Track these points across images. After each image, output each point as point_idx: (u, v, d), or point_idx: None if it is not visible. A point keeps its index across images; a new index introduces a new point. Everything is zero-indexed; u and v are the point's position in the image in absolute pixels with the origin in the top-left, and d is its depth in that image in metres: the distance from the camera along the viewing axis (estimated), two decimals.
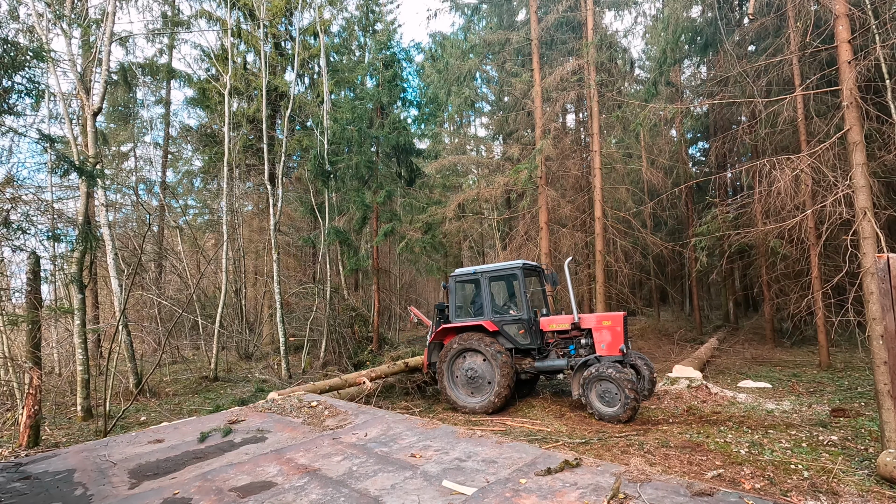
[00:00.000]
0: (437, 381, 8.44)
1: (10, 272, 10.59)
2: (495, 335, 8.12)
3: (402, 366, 9.81)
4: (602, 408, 7.06)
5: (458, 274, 8.73)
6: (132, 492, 3.93)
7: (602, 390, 7.08)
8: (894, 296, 3.95)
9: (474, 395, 8.01)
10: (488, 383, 7.87)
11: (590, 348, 7.91)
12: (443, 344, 8.73)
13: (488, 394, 7.81)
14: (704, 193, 18.02)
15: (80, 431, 7.89)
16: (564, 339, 8.25)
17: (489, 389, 7.84)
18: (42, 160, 13.54)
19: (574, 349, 8.06)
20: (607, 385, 7.03)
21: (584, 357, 7.65)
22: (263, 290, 19.07)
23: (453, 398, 8.09)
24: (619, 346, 7.57)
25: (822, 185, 8.48)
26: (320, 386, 8.13)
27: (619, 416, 6.86)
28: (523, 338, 8.11)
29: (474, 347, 7.94)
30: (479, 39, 16.06)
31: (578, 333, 8.07)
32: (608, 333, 7.68)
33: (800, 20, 9.64)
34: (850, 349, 12.37)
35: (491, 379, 7.82)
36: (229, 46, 15.96)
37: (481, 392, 7.95)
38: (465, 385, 8.09)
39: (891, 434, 5.02)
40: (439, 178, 20.49)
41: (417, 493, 3.55)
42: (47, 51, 6.72)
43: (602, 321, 7.79)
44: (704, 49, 14.44)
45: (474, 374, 7.98)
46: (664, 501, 3.17)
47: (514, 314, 8.40)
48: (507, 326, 8.17)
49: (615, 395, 6.95)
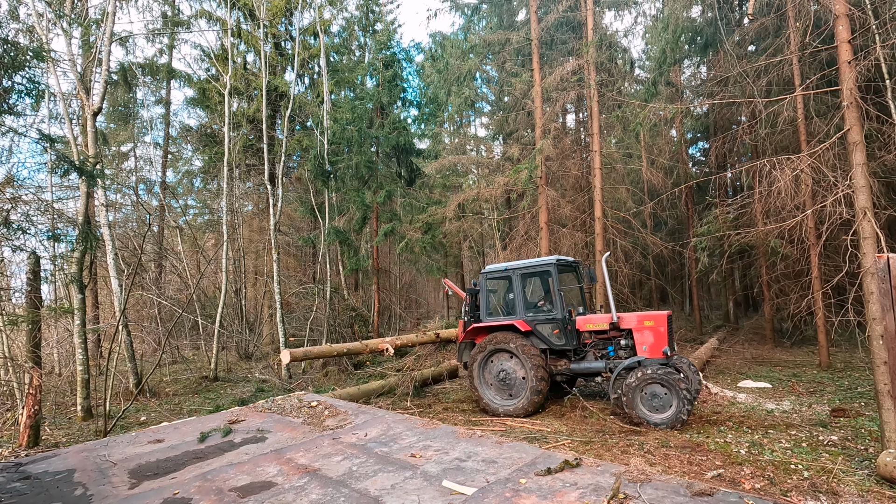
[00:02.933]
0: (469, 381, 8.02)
1: (10, 272, 10.60)
2: (528, 335, 7.73)
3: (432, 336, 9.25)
4: (650, 414, 6.46)
5: (489, 271, 8.30)
6: (132, 492, 3.93)
7: (650, 395, 6.51)
8: (894, 296, 3.95)
9: (506, 398, 7.64)
10: (521, 386, 7.50)
11: (630, 350, 7.40)
12: (473, 343, 8.38)
13: (521, 397, 7.45)
14: (704, 193, 18.04)
15: (80, 431, 7.89)
16: (602, 339, 7.76)
17: (522, 392, 7.46)
18: (42, 160, 13.56)
19: (613, 350, 7.56)
20: (657, 389, 6.48)
21: (627, 359, 7.08)
22: (263, 290, 19.06)
23: (484, 401, 7.72)
24: (663, 348, 6.97)
25: (822, 185, 8.48)
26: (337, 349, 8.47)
27: (670, 423, 6.31)
28: (558, 338, 7.68)
29: (506, 348, 7.58)
30: (479, 39, 16.06)
31: (617, 334, 7.56)
32: (650, 334, 7.13)
33: (800, 20, 9.63)
34: (850, 349, 12.36)
35: (524, 381, 7.46)
36: (229, 46, 15.97)
37: (514, 395, 7.57)
38: (497, 387, 7.71)
39: (891, 434, 5.02)
40: (439, 178, 20.49)
41: (417, 493, 3.55)
42: (47, 51, 6.72)
43: (644, 321, 7.25)
44: (704, 49, 14.43)
45: (506, 375, 7.61)
46: (664, 501, 3.17)
47: (548, 313, 7.92)
48: (541, 326, 7.74)
49: (666, 401, 6.40)
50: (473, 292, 8.70)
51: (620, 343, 7.51)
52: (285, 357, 8.65)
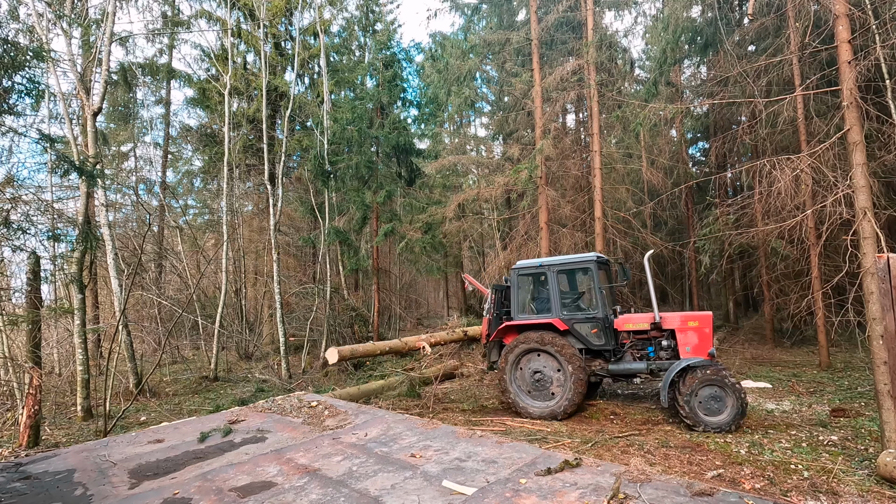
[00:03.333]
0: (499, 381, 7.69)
1: (10, 272, 10.60)
2: (564, 335, 7.45)
3: (460, 334, 9.46)
4: (706, 417, 6.31)
5: (522, 266, 7.95)
6: (132, 492, 3.93)
7: (706, 397, 6.33)
8: (894, 296, 3.95)
9: (540, 400, 7.34)
10: (558, 387, 7.23)
11: (672, 351, 7.21)
12: (501, 343, 8.11)
13: (557, 399, 7.18)
14: (704, 193, 18.01)
15: (80, 431, 7.89)
16: (641, 339, 7.52)
17: (558, 394, 7.19)
18: (42, 160, 13.56)
19: (653, 351, 7.35)
20: (713, 391, 6.31)
21: (676, 361, 6.89)
22: (263, 290, 19.07)
23: (517, 402, 7.41)
24: (709, 349, 6.83)
25: (822, 185, 8.48)
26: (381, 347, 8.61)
27: (727, 425, 6.20)
28: (597, 338, 7.38)
29: (543, 348, 7.27)
30: (479, 39, 16.06)
31: (659, 334, 7.34)
32: (694, 335, 6.98)
33: (800, 20, 9.64)
34: (850, 349, 12.36)
35: (561, 383, 7.18)
36: (229, 46, 15.98)
37: (548, 396, 7.30)
38: (531, 388, 7.43)
39: (891, 434, 5.02)
40: (439, 178, 20.47)
41: (417, 493, 3.55)
42: (47, 51, 6.72)
43: (688, 321, 7.07)
44: (704, 49, 14.42)
45: (541, 376, 7.33)
46: (664, 501, 3.17)
47: (587, 312, 7.64)
48: (579, 325, 7.45)
49: (723, 403, 6.27)
50: (500, 289, 8.41)
51: (662, 344, 7.29)
52: (333, 356, 8.35)
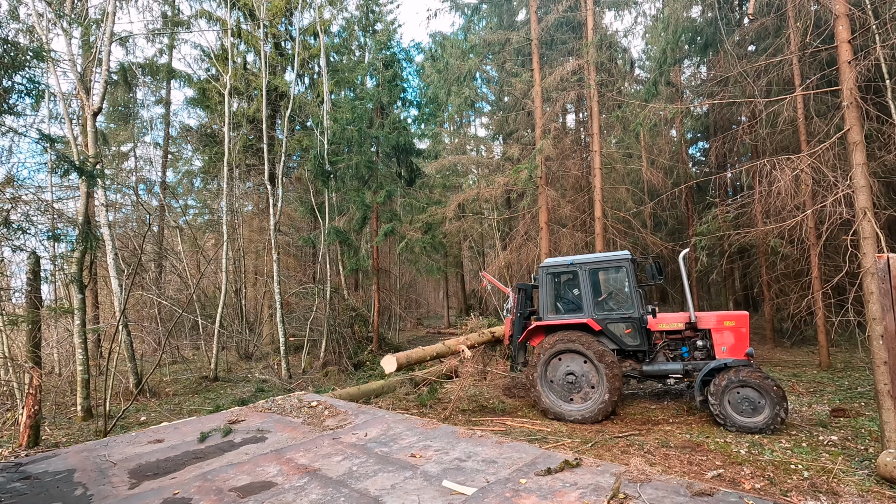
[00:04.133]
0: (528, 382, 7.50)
1: (10, 272, 10.61)
2: (597, 335, 7.32)
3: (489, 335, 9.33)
4: (740, 419, 6.25)
5: (551, 265, 7.76)
6: (132, 492, 3.93)
7: (740, 398, 6.29)
8: (894, 296, 3.95)
9: (573, 402, 7.20)
10: (591, 389, 7.08)
11: (707, 351, 7.13)
12: (526, 344, 7.94)
13: (592, 401, 7.02)
14: (704, 193, 18.00)
15: (80, 431, 7.89)
16: (674, 339, 7.44)
17: (593, 396, 7.04)
18: (42, 160, 13.57)
19: (687, 351, 7.26)
20: (748, 392, 6.25)
21: (712, 361, 6.80)
22: (263, 290, 19.07)
23: (548, 405, 7.25)
24: (746, 349, 6.77)
25: (822, 185, 8.48)
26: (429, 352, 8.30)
27: (764, 427, 6.11)
28: (631, 338, 7.24)
29: (576, 349, 7.12)
30: (479, 39, 16.06)
31: (693, 334, 7.26)
32: (731, 335, 6.90)
33: (800, 20, 9.63)
34: (850, 349, 12.36)
35: (595, 384, 7.04)
36: (229, 46, 15.97)
37: (581, 399, 7.15)
38: (562, 390, 7.28)
39: (891, 434, 5.02)
40: (439, 178, 20.50)
41: (417, 493, 3.55)
42: (47, 51, 6.72)
43: (724, 321, 6.99)
44: (704, 49, 14.42)
45: (574, 378, 7.17)
46: (664, 501, 3.17)
47: (621, 311, 7.45)
48: (613, 325, 7.30)
49: (759, 404, 6.20)
50: (524, 288, 8.22)
51: (697, 344, 7.21)
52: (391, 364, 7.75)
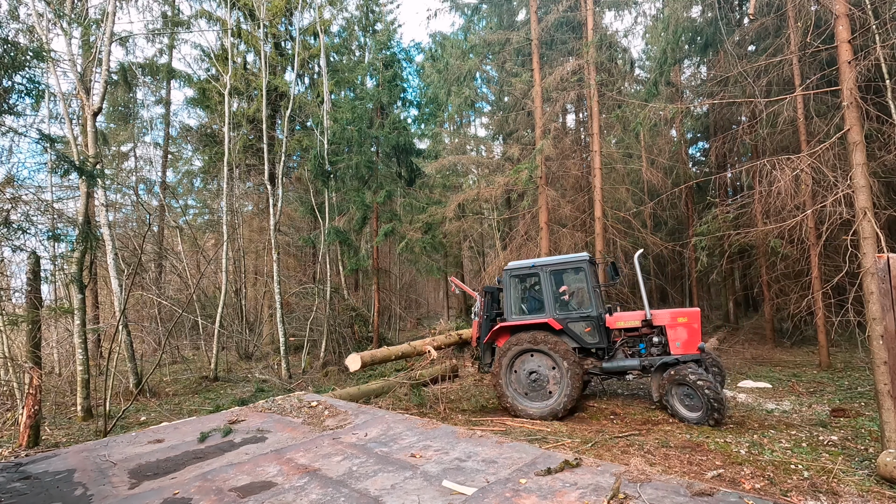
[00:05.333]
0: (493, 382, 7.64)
1: (10, 272, 10.62)
2: (559, 334, 7.50)
3: (456, 337, 9.67)
4: (687, 413, 6.60)
5: (514, 267, 7.97)
6: (132, 492, 3.93)
7: (683, 394, 6.65)
8: (894, 296, 3.95)
9: (537, 400, 7.33)
10: (555, 386, 7.25)
11: (662, 347, 7.39)
12: (494, 345, 8.08)
13: (554, 398, 7.19)
14: (704, 193, 18.01)
15: (80, 431, 7.89)
16: (632, 337, 7.69)
17: (555, 394, 7.21)
18: (42, 160, 13.57)
19: (644, 348, 7.53)
20: (686, 389, 6.63)
21: (663, 357, 7.11)
22: (263, 290, 19.07)
23: (515, 405, 7.35)
24: (698, 344, 7.08)
25: (822, 185, 8.48)
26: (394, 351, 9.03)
27: (704, 422, 6.42)
28: (591, 336, 7.48)
29: (539, 348, 7.28)
30: (479, 39, 16.05)
31: (649, 331, 7.51)
32: (684, 331, 7.18)
33: (800, 20, 9.64)
34: (850, 349, 12.36)
35: (557, 382, 7.21)
36: (229, 46, 15.98)
37: (545, 396, 7.31)
38: (527, 389, 7.42)
39: (891, 434, 5.02)
40: (439, 178, 20.48)
41: (417, 493, 3.55)
42: (47, 51, 6.72)
43: (677, 317, 7.26)
44: (704, 49, 14.42)
45: (538, 376, 7.33)
46: (664, 501, 3.17)
47: (581, 311, 7.68)
48: (574, 324, 7.53)
49: (696, 401, 6.57)
50: (491, 291, 8.42)
51: (653, 340, 7.44)
52: (355, 363, 8.08)
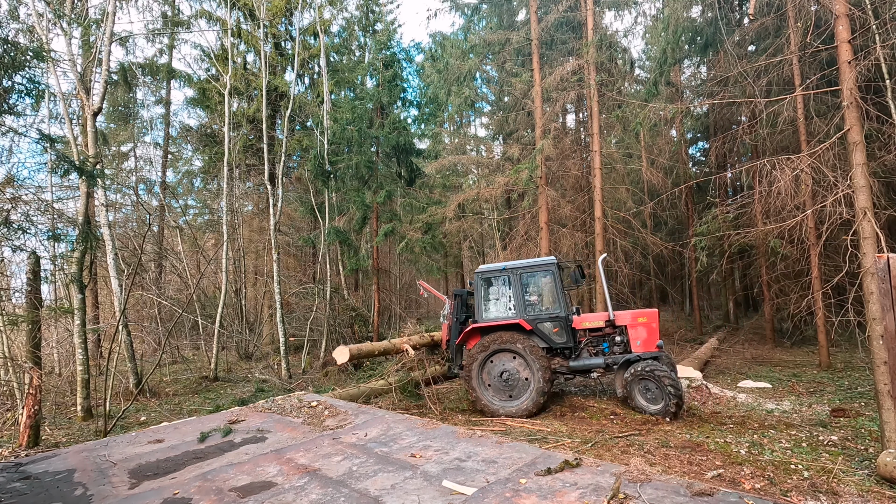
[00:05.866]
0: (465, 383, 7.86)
1: (10, 272, 10.61)
2: (529, 334, 7.74)
3: (429, 339, 9.88)
4: (647, 405, 7.10)
5: (485, 270, 8.20)
6: (132, 492, 3.93)
7: (644, 388, 7.15)
8: (894, 296, 3.95)
9: (508, 399, 7.53)
10: (524, 386, 7.46)
11: (624, 346, 7.76)
12: (462, 347, 8.22)
13: (525, 397, 7.41)
14: (704, 193, 18.02)
15: (80, 431, 7.88)
16: (596, 336, 8.00)
17: (526, 392, 7.43)
18: (42, 160, 13.56)
19: (608, 347, 7.86)
20: (648, 383, 7.09)
21: (626, 355, 7.49)
22: (263, 290, 19.06)
23: (484, 402, 7.54)
24: (656, 342, 7.50)
25: (822, 185, 8.47)
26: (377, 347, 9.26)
27: (664, 412, 6.88)
28: (559, 336, 7.79)
29: (510, 348, 7.50)
30: (479, 39, 16.05)
31: (612, 331, 7.86)
32: (644, 330, 7.60)
33: (800, 20, 9.63)
34: (850, 349, 12.36)
35: (528, 381, 7.44)
36: (229, 46, 15.97)
37: (516, 395, 7.51)
38: (498, 388, 7.60)
39: (891, 434, 5.02)
40: (439, 178, 20.48)
41: (417, 493, 3.55)
42: (47, 51, 6.72)
43: (637, 318, 7.68)
44: (704, 49, 14.42)
45: (509, 376, 7.53)
46: (664, 501, 3.17)
47: (550, 312, 7.98)
48: (542, 325, 7.81)
49: (658, 393, 7.01)
50: (460, 294, 8.64)
51: (615, 339, 7.81)
52: (343, 355, 8.27)
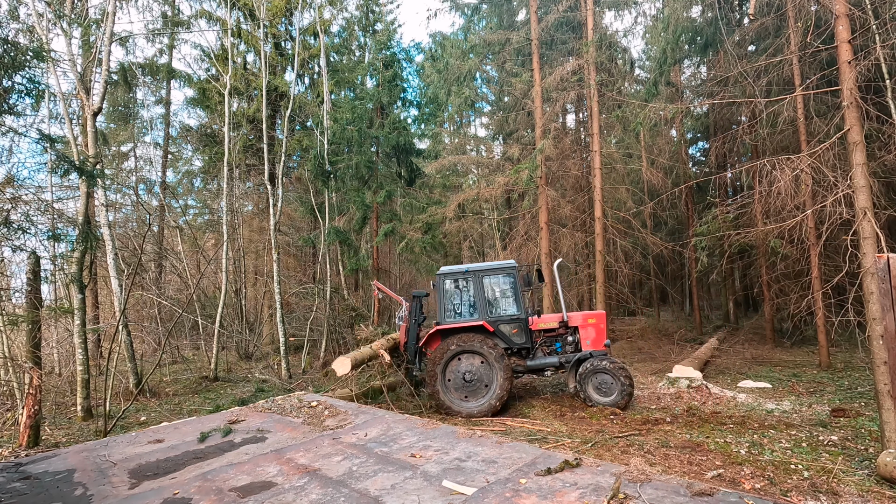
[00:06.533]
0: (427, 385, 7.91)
1: (10, 272, 10.61)
2: (491, 335, 7.98)
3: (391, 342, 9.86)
4: (600, 398, 7.62)
5: (447, 272, 8.35)
6: (132, 492, 3.93)
7: (599, 382, 7.67)
8: (894, 296, 3.95)
9: (470, 399, 7.73)
10: (486, 386, 7.71)
11: (575, 345, 8.31)
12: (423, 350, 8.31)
13: (487, 397, 7.64)
14: (704, 193, 18.01)
15: (80, 431, 7.88)
16: (550, 336, 8.48)
17: (488, 392, 7.67)
18: (42, 160, 13.55)
19: (560, 346, 8.38)
20: (603, 377, 7.64)
21: (580, 353, 8.02)
22: (263, 290, 19.05)
23: (447, 403, 7.67)
24: (605, 341, 8.14)
25: (822, 185, 8.47)
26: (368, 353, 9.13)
27: (617, 403, 7.49)
28: (518, 337, 8.14)
29: (474, 349, 7.70)
30: (479, 39, 16.05)
31: (565, 331, 8.40)
32: (593, 330, 8.23)
33: (800, 20, 9.63)
34: (850, 349, 12.35)
35: (489, 381, 7.68)
36: (229, 46, 15.97)
37: (478, 395, 7.73)
38: (461, 389, 7.79)
39: (891, 434, 5.02)
40: (439, 178, 20.47)
41: (417, 493, 3.55)
42: (47, 51, 6.72)
43: (588, 319, 8.31)
44: (704, 49, 14.42)
45: (472, 376, 7.73)
46: (664, 501, 3.17)
47: (510, 313, 8.25)
48: (503, 326, 8.12)
49: (611, 386, 7.59)
50: (419, 296, 8.74)
51: (568, 339, 8.38)
52: (344, 366, 8.11)
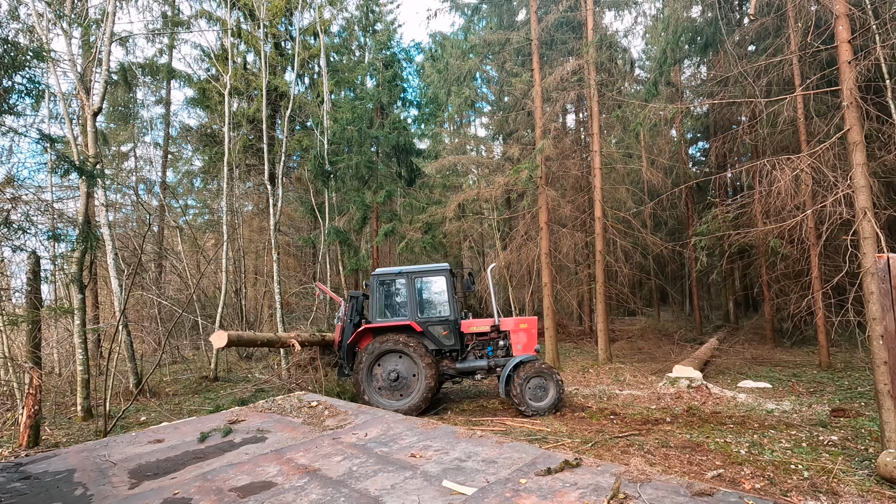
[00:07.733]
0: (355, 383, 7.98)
1: (10, 272, 10.61)
2: (419, 336, 8.07)
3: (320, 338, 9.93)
4: (534, 403, 7.58)
5: (381, 273, 8.52)
6: (132, 492, 3.93)
7: (534, 387, 7.63)
8: (894, 296, 3.95)
9: (396, 399, 7.83)
10: (412, 385, 7.83)
11: (506, 349, 8.28)
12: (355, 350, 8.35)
13: (412, 396, 7.75)
14: (704, 193, 18.01)
15: (80, 431, 7.88)
16: (482, 340, 8.46)
17: (413, 392, 7.79)
18: (42, 160, 13.53)
19: (492, 350, 8.36)
20: (539, 381, 7.63)
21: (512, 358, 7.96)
22: (263, 290, 19.05)
23: (373, 403, 7.71)
24: (535, 346, 8.15)
25: (822, 185, 8.47)
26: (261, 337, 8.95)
27: (549, 408, 7.52)
28: (447, 339, 8.19)
29: (398, 349, 7.83)
30: (479, 39, 16.04)
31: (497, 335, 8.39)
32: (524, 335, 8.19)
33: (800, 20, 9.64)
34: (850, 349, 12.36)
35: (415, 380, 7.80)
36: (229, 46, 15.98)
37: (405, 395, 7.84)
38: (387, 388, 7.90)
39: (891, 434, 5.02)
40: (439, 178, 20.48)
41: (417, 493, 3.55)
42: (47, 51, 6.72)
43: (519, 324, 8.26)
44: (704, 49, 14.41)
45: (398, 376, 7.86)
46: (664, 501, 3.17)
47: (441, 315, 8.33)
48: (432, 327, 8.18)
49: (545, 391, 7.62)
50: (357, 297, 8.86)
51: (499, 343, 8.35)
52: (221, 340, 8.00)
